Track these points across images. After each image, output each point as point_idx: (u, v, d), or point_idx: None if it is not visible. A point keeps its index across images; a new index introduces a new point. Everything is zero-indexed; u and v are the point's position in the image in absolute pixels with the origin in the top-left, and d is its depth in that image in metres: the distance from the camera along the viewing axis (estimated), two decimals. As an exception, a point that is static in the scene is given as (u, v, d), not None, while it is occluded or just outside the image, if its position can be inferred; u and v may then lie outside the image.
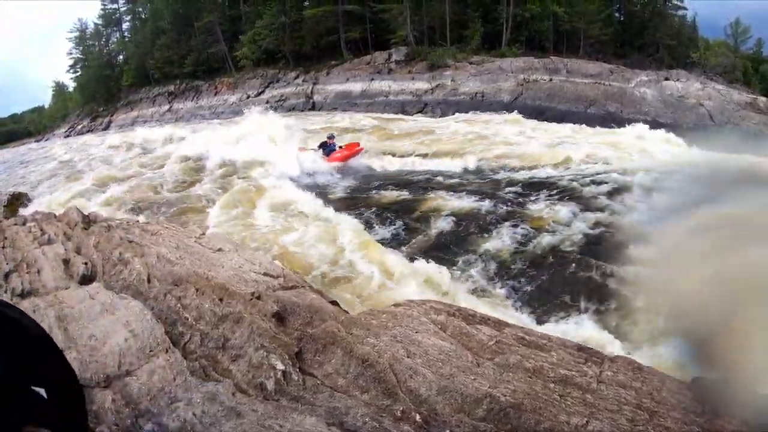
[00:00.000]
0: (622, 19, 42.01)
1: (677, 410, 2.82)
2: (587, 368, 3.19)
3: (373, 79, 36.75)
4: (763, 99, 28.20)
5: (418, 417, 2.87)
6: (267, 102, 40.80)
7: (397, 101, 33.59)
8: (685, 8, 40.80)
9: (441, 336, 3.47)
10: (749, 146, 15.57)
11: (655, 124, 23.11)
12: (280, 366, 3.25)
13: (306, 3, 46.03)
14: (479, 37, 36.63)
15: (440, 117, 28.82)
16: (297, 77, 42.37)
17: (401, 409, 2.91)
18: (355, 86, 37.12)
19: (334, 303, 4.33)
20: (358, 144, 16.57)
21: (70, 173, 20.67)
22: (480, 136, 19.91)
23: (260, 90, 44.02)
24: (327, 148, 16.08)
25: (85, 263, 5.10)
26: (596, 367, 3.20)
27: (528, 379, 3.08)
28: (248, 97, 43.90)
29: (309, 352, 3.45)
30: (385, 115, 30.28)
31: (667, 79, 29.52)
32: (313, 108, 37.80)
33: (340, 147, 16.10)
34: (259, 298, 3.89)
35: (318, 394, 3.10)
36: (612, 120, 24.89)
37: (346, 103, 35.64)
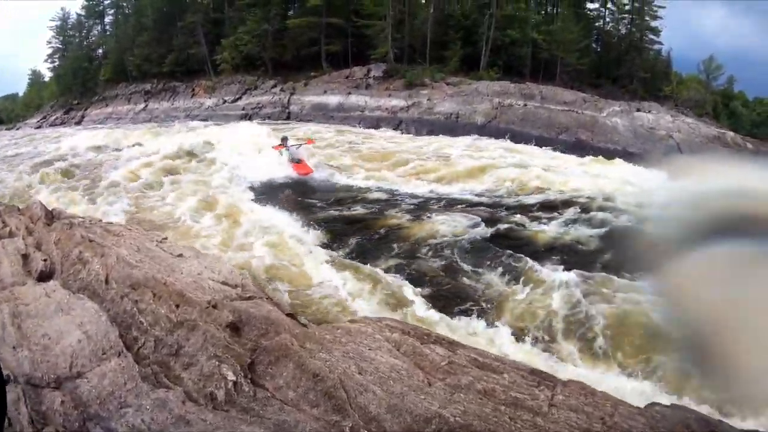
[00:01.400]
0: (599, 50, 43.07)
1: (629, 435, 2.87)
2: (539, 392, 3.21)
3: (350, 93, 36.80)
4: (731, 133, 28.98)
5: (366, 434, 2.88)
6: (243, 109, 40.70)
7: (372, 117, 33.62)
8: (660, 43, 42.05)
9: (394, 354, 3.49)
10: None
11: (624, 154, 23.64)
12: (231, 376, 3.24)
13: (290, 12, 46.11)
14: (458, 59, 37.04)
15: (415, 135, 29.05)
16: (275, 86, 42.19)
17: (350, 425, 2.92)
18: (332, 99, 37.08)
19: (291, 316, 4.32)
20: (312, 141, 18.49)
21: None
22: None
23: (237, 96, 43.66)
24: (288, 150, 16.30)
25: (45, 260, 5.03)
26: (548, 391, 3.23)
27: (479, 400, 3.09)
28: (224, 103, 43.60)
29: (261, 363, 3.43)
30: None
31: (638, 110, 30.08)
32: (288, 118, 37.64)
33: (301, 143, 17.16)
34: (215, 306, 3.87)
35: (268, 407, 3.09)
36: (581, 148, 25.26)
37: (322, 115, 35.53)
